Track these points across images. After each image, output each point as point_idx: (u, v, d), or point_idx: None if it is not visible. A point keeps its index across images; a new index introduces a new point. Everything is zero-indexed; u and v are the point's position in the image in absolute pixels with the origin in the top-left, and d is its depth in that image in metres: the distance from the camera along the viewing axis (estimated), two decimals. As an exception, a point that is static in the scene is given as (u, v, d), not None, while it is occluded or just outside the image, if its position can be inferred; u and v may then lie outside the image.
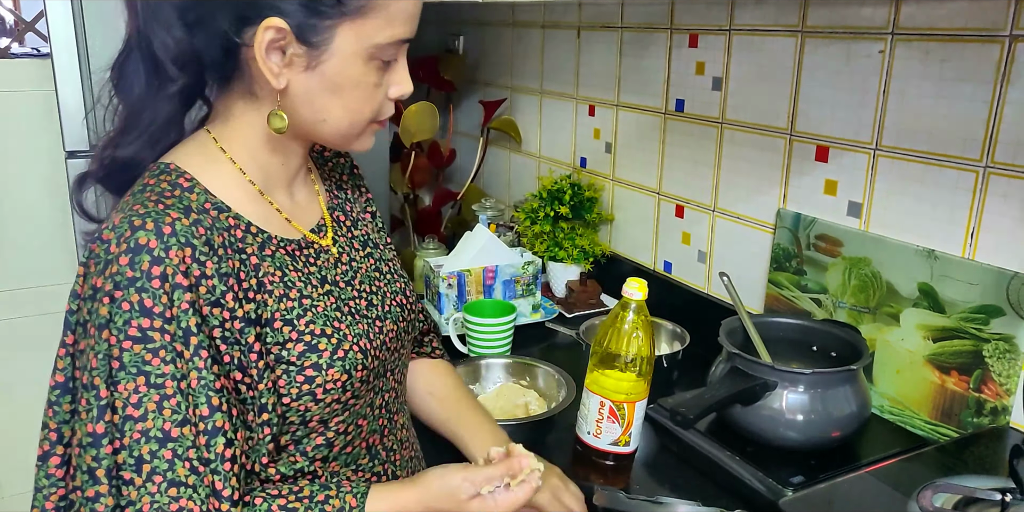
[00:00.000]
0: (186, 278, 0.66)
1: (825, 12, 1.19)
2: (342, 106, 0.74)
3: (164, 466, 0.64)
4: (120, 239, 0.66)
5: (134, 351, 0.65)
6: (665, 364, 1.27)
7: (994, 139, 1.01)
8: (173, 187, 0.72)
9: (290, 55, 0.70)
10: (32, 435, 2.33)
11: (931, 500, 0.80)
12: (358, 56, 0.72)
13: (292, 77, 0.71)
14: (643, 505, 0.93)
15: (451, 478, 0.76)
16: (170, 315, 0.66)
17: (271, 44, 0.69)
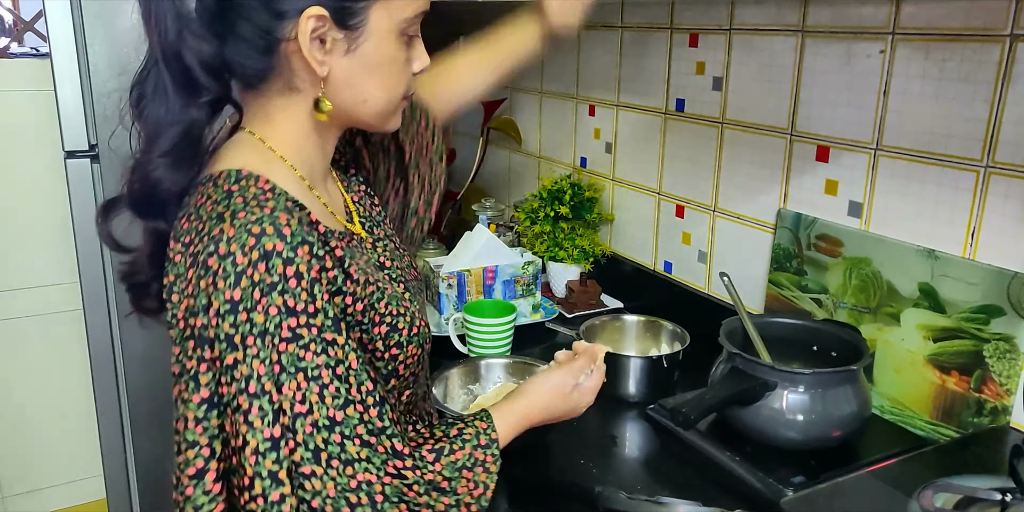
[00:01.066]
0: (315, 273, 0.69)
1: (826, 12, 1.19)
2: (380, 85, 0.76)
3: (336, 450, 0.68)
4: (245, 249, 0.66)
5: (289, 351, 0.67)
6: (665, 364, 1.26)
7: (995, 139, 1.01)
8: (261, 191, 0.72)
9: (330, 41, 0.72)
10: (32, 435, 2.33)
11: (931, 500, 0.80)
12: (391, 33, 0.74)
13: (333, 63, 0.73)
14: (643, 505, 0.93)
15: (551, 378, 0.92)
16: (313, 309, 0.68)
17: (313, 33, 0.70)
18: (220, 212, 0.70)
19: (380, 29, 0.73)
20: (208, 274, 0.67)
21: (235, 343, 0.66)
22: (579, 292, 1.64)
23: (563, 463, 1.10)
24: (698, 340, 1.33)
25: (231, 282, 0.66)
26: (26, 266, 2.18)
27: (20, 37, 2.21)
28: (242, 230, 0.67)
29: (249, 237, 0.67)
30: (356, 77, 0.74)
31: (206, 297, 0.67)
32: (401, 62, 0.77)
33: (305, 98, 0.76)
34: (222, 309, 0.66)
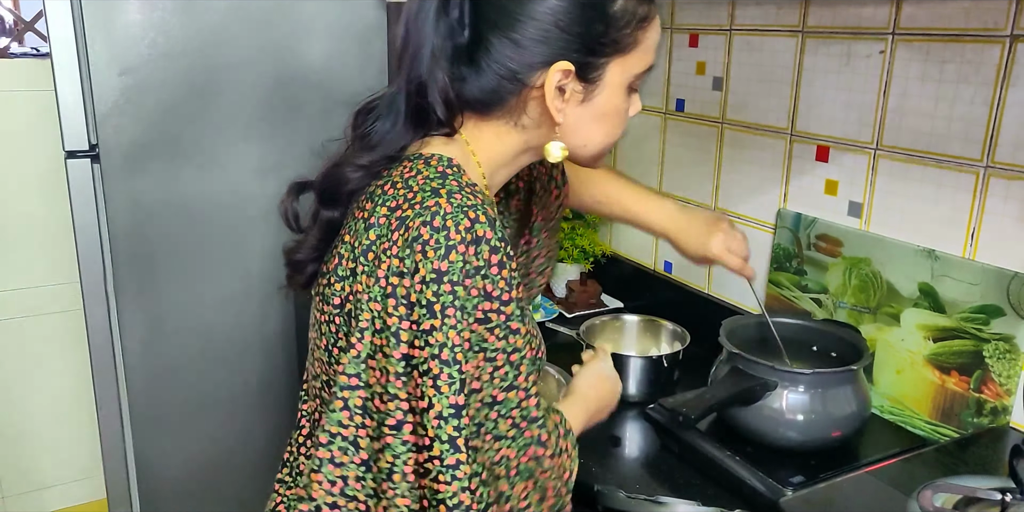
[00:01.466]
0: (512, 267, 0.73)
1: (826, 12, 1.19)
2: (604, 132, 0.81)
3: (491, 425, 0.73)
4: (458, 228, 0.70)
5: (477, 331, 0.71)
6: (665, 364, 1.27)
7: (994, 139, 1.01)
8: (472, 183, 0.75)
9: (569, 92, 0.76)
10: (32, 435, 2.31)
11: (931, 500, 0.80)
12: (621, 87, 0.79)
13: (568, 111, 0.77)
14: (643, 505, 0.93)
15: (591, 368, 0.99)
16: (508, 298, 0.72)
17: (557, 84, 0.75)
18: (435, 188, 0.73)
19: (613, 83, 0.78)
20: (418, 242, 0.69)
21: (435, 311, 0.69)
22: (579, 292, 1.64)
23: (563, 463, 1.10)
24: (698, 340, 1.33)
25: (441, 254, 0.69)
26: (26, 266, 2.18)
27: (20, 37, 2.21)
28: (459, 210, 0.70)
29: (465, 219, 0.70)
30: (584, 125, 0.79)
31: (413, 263, 0.69)
32: (623, 112, 0.81)
33: (527, 136, 0.80)
34: (428, 277, 0.69)
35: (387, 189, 0.75)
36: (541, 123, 0.79)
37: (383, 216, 0.73)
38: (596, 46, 0.74)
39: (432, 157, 0.76)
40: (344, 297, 0.75)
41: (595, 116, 0.79)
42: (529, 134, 0.80)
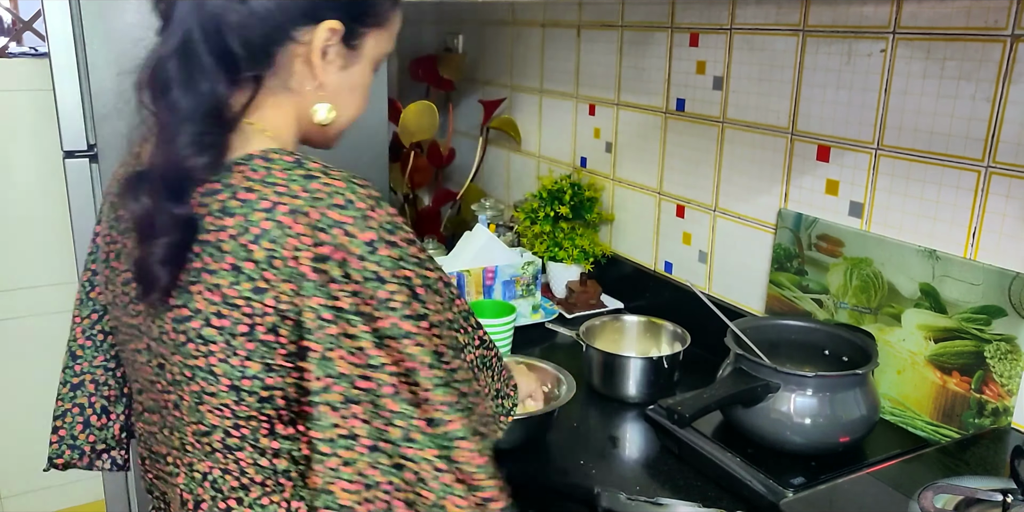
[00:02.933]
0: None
1: (826, 11, 1.19)
2: (353, 105, 0.83)
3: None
4: (360, 196, 0.70)
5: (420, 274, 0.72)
6: (666, 365, 1.26)
7: (996, 139, 1.00)
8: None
9: (332, 55, 0.77)
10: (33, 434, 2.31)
11: (932, 501, 0.80)
12: (371, 62, 0.81)
13: (329, 74, 0.78)
14: (643, 506, 0.93)
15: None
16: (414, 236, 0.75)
17: (324, 44, 0.75)
18: (302, 174, 0.70)
19: (367, 56, 0.80)
20: (333, 224, 0.68)
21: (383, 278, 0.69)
22: (579, 292, 1.63)
23: (563, 464, 1.10)
24: (699, 340, 1.32)
25: (362, 226, 0.68)
26: (26, 266, 2.18)
27: (19, 37, 2.20)
28: (347, 182, 0.71)
29: (357, 187, 0.70)
30: (340, 94, 0.80)
31: (339, 244, 0.68)
32: (367, 90, 0.84)
33: (295, 101, 0.78)
34: (363, 252, 0.68)
35: (242, 196, 0.69)
36: (305, 86, 0.77)
37: (264, 220, 0.68)
38: (365, 12, 0.77)
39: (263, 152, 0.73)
40: (254, 316, 0.69)
41: (350, 86, 0.80)
42: (297, 100, 0.78)
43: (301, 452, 0.73)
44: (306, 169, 0.71)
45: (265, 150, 0.73)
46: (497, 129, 2.05)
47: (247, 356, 0.70)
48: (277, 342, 0.69)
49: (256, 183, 0.70)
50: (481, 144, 2.13)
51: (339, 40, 0.76)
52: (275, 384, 0.71)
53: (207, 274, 0.69)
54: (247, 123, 0.76)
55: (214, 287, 0.69)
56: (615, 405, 1.28)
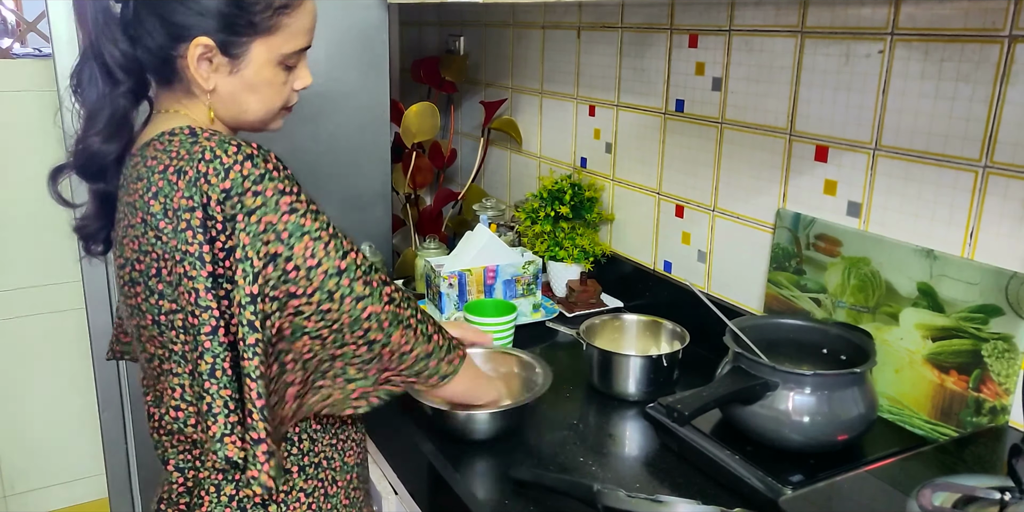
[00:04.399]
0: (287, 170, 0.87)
1: (825, 12, 1.20)
2: (258, 101, 0.92)
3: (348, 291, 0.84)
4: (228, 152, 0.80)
5: (292, 221, 0.81)
6: (665, 363, 1.27)
7: (993, 139, 1.01)
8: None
9: (216, 64, 0.87)
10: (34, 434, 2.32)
11: (930, 499, 0.80)
12: (270, 63, 0.90)
13: (219, 80, 0.88)
14: (643, 504, 0.93)
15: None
16: (298, 190, 0.84)
17: (201, 56, 0.86)
18: (192, 141, 0.83)
19: (259, 60, 0.89)
20: (199, 176, 0.79)
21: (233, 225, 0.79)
22: (579, 292, 1.64)
23: (563, 462, 1.10)
24: (698, 339, 1.33)
25: (222, 177, 0.79)
26: (26, 266, 2.18)
27: (23, 38, 2.21)
28: (222, 141, 0.81)
29: (229, 146, 0.81)
30: (238, 94, 0.90)
31: (201, 193, 0.79)
32: (278, 84, 0.92)
33: (201, 102, 0.90)
34: (219, 198, 0.79)
35: (149, 163, 0.83)
36: (200, 92, 0.89)
37: (159, 180, 0.81)
38: (234, 26, 0.86)
39: (173, 130, 0.85)
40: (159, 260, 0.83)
41: (247, 87, 0.90)
42: (200, 103, 0.90)
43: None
44: (195, 136, 0.83)
45: (174, 127, 0.86)
46: (498, 130, 2.06)
47: (160, 295, 0.84)
48: (175, 283, 0.82)
49: (160, 152, 0.84)
50: (482, 145, 2.14)
51: (217, 51, 0.86)
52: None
53: (130, 228, 0.85)
54: (173, 110, 0.90)
55: (134, 238, 0.84)
56: (615, 403, 1.28)
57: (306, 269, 0.81)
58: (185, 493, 0.92)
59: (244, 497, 0.90)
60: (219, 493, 0.90)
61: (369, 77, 1.76)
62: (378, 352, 0.88)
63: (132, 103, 0.90)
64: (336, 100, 1.74)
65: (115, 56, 0.86)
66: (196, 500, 0.90)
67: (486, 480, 1.08)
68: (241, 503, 0.90)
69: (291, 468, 0.93)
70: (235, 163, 0.80)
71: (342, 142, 1.76)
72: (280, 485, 0.88)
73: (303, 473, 0.94)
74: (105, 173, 0.91)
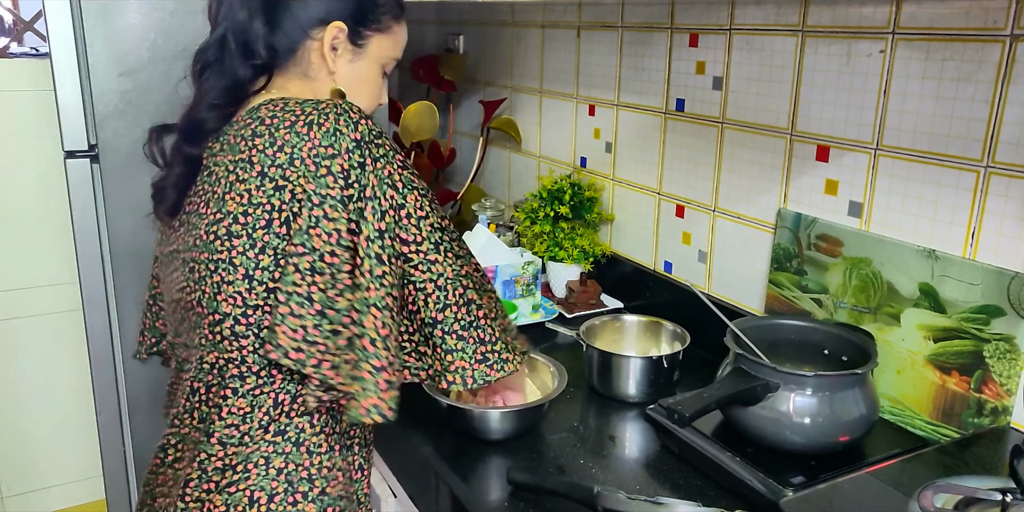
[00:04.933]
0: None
1: (826, 12, 1.19)
2: (366, 95, 1.04)
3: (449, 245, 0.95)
4: (354, 109, 0.89)
5: (404, 175, 0.90)
6: (665, 364, 1.26)
7: (995, 139, 1.01)
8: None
9: (341, 50, 0.99)
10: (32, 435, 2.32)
11: (932, 500, 0.80)
12: (377, 61, 1.03)
13: (340, 65, 0.99)
14: (643, 505, 0.93)
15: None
16: (404, 156, 0.94)
17: (332, 40, 0.97)
18: (317, 101, 0.89)
19: (373, 54, 1.02)
20: (333, 128, 0.86)
21: (365, 170, 0.87)
22: (579, 292, 1.64)
23: (563, 463, 1.10)
24: (698, 340, 1.33)
25: (352, 127, 0.87)
26: (26, 266, 2.18)
27: (20, 37, 2.21)
28: (347, 102, 0.89)
29: (352, 106, 0.89)
30: (352, 82, 1.01)
31: (337, 142, 0.86)
32: (379, 85, 1.05)
33: (313, 86, 1.00)
34: (350, 146, 0.86)
35: (269, 121, 0.89)
36: (321, 74, 0.99)
37: (286, 133, 0.87)
38: (365, 18, 0.99)
39: (283, 97, 0.92)
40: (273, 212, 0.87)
41: (360, 78, 1.02)
42: (315, 85, 1.00)
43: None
44: (313, 100, 0.90)
45: (275, 99, 0.92)
46: (497, 129, 2.05)
47: (262, 248, 0.87)
48: (288, 234, 0.86)
49: (279, 112, 0.89)
50: (481, 144, 2.14)
51: (346, 38, 0.98)
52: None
53: (239, 183, 0.88)
54: (276, 90, 0.97)
55: (244, 192, 0.88)
56: (615, 404, 1.28)
57: (417, 218, 0.90)
58: (220, 470, 0.91)
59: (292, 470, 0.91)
60: (268, 465, 0.91)
61: (368, 77, 1.76)
62: (475, 315, 0.94)
63: (252, 77, 0.96)
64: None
65: (259, 31, 0.94)
66: (239, 475, 0.91)
67: (486, 482, 1.07)
68: (289, 476, 0.91)
69: (334, 445, 0.95)
70: (361, 118, 0.88)
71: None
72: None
73: (341, 453, 0.96)
74: (204, 139, 0.96)
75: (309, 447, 0.93)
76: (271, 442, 0.91)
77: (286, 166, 0.86)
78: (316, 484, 0.93)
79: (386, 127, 1.84)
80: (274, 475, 0.91)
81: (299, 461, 0.92)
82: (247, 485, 0.90)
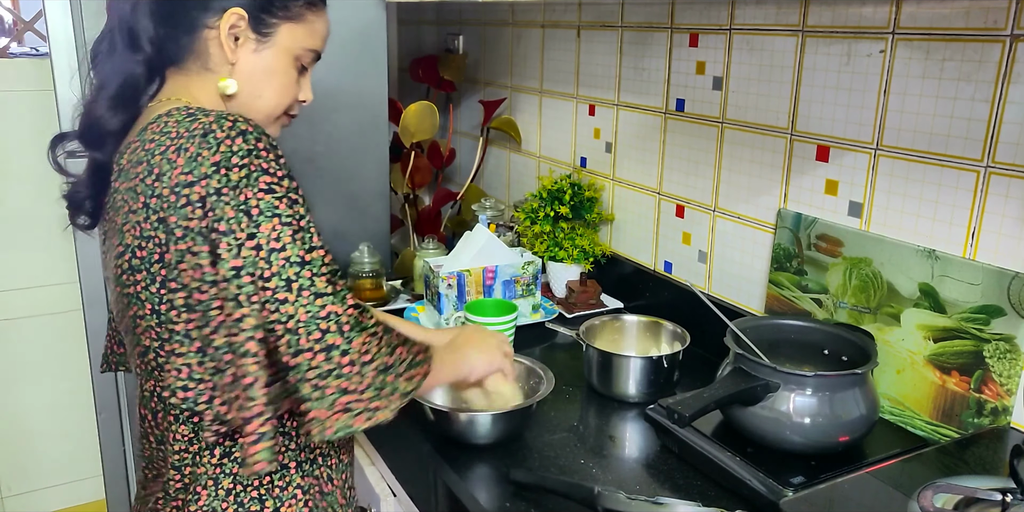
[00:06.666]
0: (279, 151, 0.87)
1: (826, 11, 1.19)
2: (273, 89, 0.95)
3: (307, 283, 0.81)
4: (223, 128, 0.81)
5: (265, 200, 0.81)
6: (665, 364, 1.26)
7: (995, 139, 1.01)
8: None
9: (243, 39, 0.91)
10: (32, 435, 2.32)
11: (931, 500, 0.80)
12: (289, 52, 0.94)
13: (242, 56, 0.92)
14: (643, 505, 0.93)
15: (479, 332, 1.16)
16: (283, 174, 0.83)
17: (231, 28, 0.90)
18: (192, 118, 0.83)
19: (282, 44, 0.93)
20: (195, 153, 0.80)
21: (222, 197, 0.79)
22: (579, 292, 1.64)
23: (563, 463, 1.10)
24: (698, 340, 1.33)
25: (213, 150, 0.80)
26: (26, 266, 2.18)
27: (20, 37, 2.21)
28: (219, 117, 0.82)
29: (225, 121, 0.81)
30: (256, 74, 0.93)
31: (197, 168, 0.80)
32: (291, 79, 0.96)
33: (215, 80, 0.93)
34: (208, 171, 0.79)
35: (148, 146, 0.84)
36: (221, 66, 0.92)
37: (159, 162, 0.82)
38: (270, 4, 0.91)
39: (173, 109, 0.87)
40: (161, 245, 0.83)
41: (267, 69, 0.94)
42: (217, 78, 0.93)
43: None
44: (193, 115, 0.84)
45: (171, 109, 0.87)
46: (497, 129, 2.05)
47: (161, 283, 0.83)
48: (176, 261, 0.81)
49: (157, 134, 0.84)
50: (481, 144, 2.14)
51: (247, 26, 0.91)
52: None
53: (131, 214, 0.84)
54: (175, 98, 0.91)
55: (136, 224, 0.84)
56: (615, 404, 1.28)
57: (268, 251, 0.79)
58: (182, 489, 0.92)
59: (240, 491, 0.90)
60: (216, 487, 0.90)
61: (368, 76, 1.76)
62: (336, 362, 0.80)
63: (145, 75, 0.92)
64: (334, 99, 1.73)
65: (144, 24, 0.90)
66: (192, 495, 0.90)
67: (486, 482, 1.07)
68: (238, 497, 0.90)
69: (288, 463, 0.92)
70: (227, 138, 0.80)
71: (340, 142, 1.76)
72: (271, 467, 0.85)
73: (300, 469, 0.94)
74: (105, 143, 0.92)
75: None
76: (218, 465, 0.90)
77: (162, 197, 0.81)
78: (267, 504, 0.91)
79: (386, 127, 1.84)
80: (223, 495, 0.90)
81: (246, 482, 0.90)
82: (198, 506, 0.90)
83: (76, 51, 1.50)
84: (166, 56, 0.93)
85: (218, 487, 0.90)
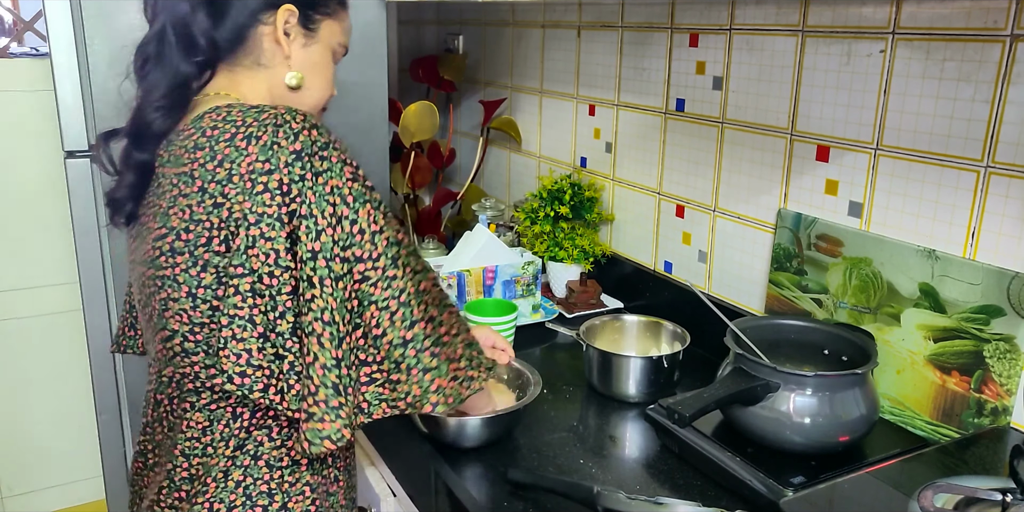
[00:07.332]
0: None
1: (826, 11, 1.19)
2: (320, 82, 1.00)
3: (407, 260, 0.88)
4: (296, 119, 0.84)
5: (352, 188, 0.84)
6: (665, 364, 1.26)
7: (995, 139, 1.01)
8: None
9: (293, 35, 0.95)
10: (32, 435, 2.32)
11: (932, 500, 0.80)
12: (328, 47, 1.00)
13: (294, 50, 0.96)
14: (643, 505, 0.93)
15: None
16: (356, 165, 0.87)
17: (284, 24, 0.94)
18: (258, 110, 0.85)
19: (324, 41, 0.99)
20: (271, 141, 0.82)
21: (303, 185, 0.81)
22: (579, 292, 1.64)
23: (563, 463, 1.10)
24: (698, 340, 1.33)
25: (291, 139, 0.82)
26: (26, 266, 2.18)
27: (20, 37, 2.21)
28: (289, 111, 0.85)
29: (297, 114, 0.85)
30: (307, 68, 0.98)
31: (275, 157, 0.81)
32: (332, 72, 1.02)
33: (268, 74, 0.96)
34: (289, 159, 0.82)
35: (209, 133, 0.86)
36: (275, 61, 0.95)
37: (226, 147, 0.83)
38: (315, 1, 0.96)
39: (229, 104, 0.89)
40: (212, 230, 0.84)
41: (315, 63, 0.98)
42: (270, 73, 0.96)
43: None
44: (258, 107, 0.86)
45: (228, 103, 0.89)
46: (497, 129, 2.05)
47: (203, 266, 0.84)
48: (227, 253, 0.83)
49: (220, 122, 0.86)
50: (481, 144, 2.14)
51: (297, 22, 0.95)
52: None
53: (181, 198, 0.85)
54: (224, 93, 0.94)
55: (186, 207, 0.85)
56: (615, 404, 1.28)
57: (371, 233, 0.84)
58: (188, 480, 0.92)
59: (250, 484, 0.90)
60: (227, 479, 0.90)
61: (368, 76, 1.76)
62: (438, 332, 0.87)
63: (196, 74, 0.93)
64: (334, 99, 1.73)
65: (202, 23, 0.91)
66: (201, 487, 0.90)
67: (485, 482, 1.07)
68: (247, 490, 0.90)
69: (300, 460, 0.93)
70: (303, 128, 0.83)
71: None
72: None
73: (311, 467, 0.94)
74: (154, 144, 0.93)
75: (268, 461, 0.91)
76: (230, 457, 0.90)
77: (225, 182, 0.82)
78: (276, 499, 0.91)
79: (386, 127, 1.84)
80: (232, 487, 0.90)
81: (257, 475, 0.90)
82: (206, 498, 0.90)
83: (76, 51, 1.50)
84: (220, 53, 0.94)
85: (228, 479, 0.90)
